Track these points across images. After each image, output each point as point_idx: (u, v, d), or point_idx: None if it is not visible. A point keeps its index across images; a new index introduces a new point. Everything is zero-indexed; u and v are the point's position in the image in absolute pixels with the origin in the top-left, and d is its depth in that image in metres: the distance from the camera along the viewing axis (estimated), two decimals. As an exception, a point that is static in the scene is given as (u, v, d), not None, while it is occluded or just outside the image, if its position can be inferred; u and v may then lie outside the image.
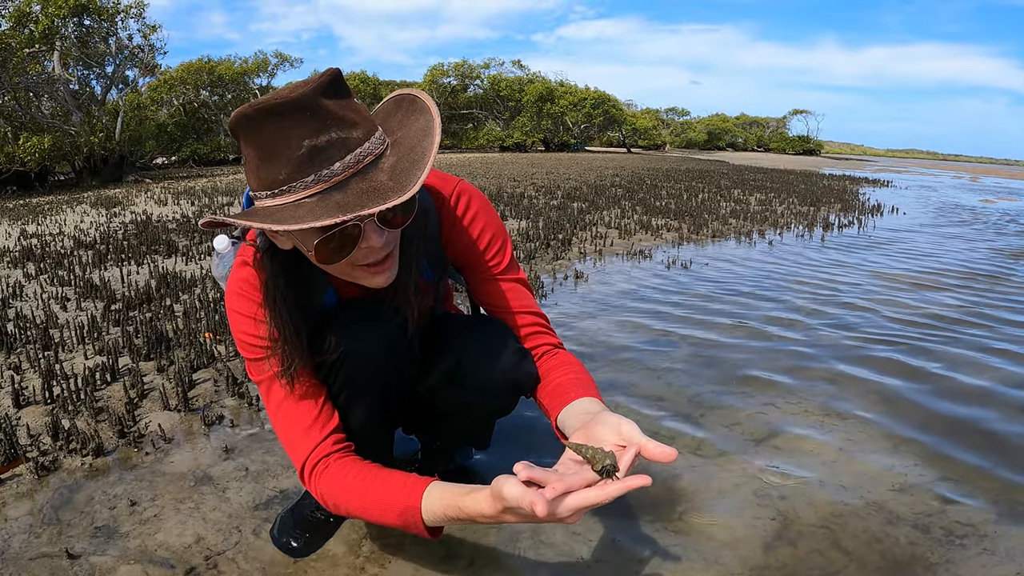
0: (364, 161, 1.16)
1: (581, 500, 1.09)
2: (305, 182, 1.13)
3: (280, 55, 31.25)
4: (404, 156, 1.19)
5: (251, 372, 1.47)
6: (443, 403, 1.68)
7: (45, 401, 2.52)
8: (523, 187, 11.70)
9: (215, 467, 2.12)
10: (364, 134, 1.17)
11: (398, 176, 1.15)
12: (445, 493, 1.24)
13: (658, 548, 1.73)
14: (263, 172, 1.16)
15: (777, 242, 6.77)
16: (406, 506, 1.27)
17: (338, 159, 1.14)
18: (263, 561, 1.66)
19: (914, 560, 1.69)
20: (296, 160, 1.12)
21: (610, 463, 1.10)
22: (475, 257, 1.61)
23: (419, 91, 1.30)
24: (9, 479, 2.02)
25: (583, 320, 3.80)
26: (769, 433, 2.39)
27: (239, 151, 7.45)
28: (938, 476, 2.11)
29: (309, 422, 1.42)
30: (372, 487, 1.33)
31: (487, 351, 1.58)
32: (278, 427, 1.46)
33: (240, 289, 1.44)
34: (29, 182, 16.31)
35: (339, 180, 1.14)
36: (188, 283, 4.41)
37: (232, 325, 1.46)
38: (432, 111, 1.26)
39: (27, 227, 7.20)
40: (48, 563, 1.64)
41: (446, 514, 1.23)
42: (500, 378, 1.58)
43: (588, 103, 42.36)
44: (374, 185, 1.14)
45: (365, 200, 1.12)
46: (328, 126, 1.13)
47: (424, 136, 1.21)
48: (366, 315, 1.49)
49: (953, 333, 3.65)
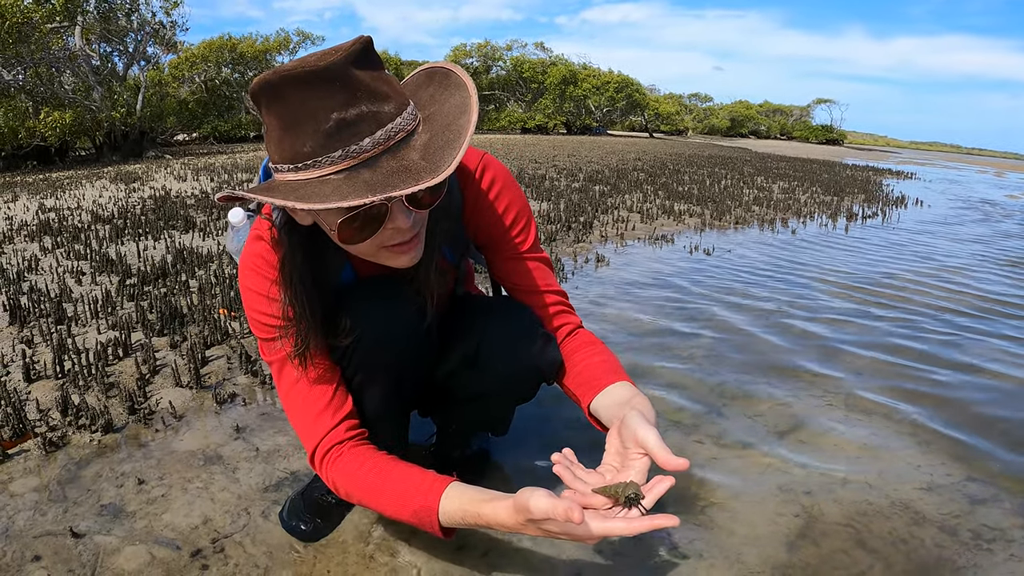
0: (395, 137, 1.09)
1: (605, 528, 1.08)
2: (332, 157, 1.06)
3: (302, 33, 31.24)
4: (438, 134, 1.12)
5: (263, 352, 1.42)
6: (461, 389, 1.63)
7: (56, 376, 2.50)
8: (544, 169, 11.62)
9: (225, 446, 2.08)
10: (396, 108, 1.10)
11: (431, 156, 1.09)
12: (464, 497, 1.19)
13: (679, 543, 1.67)
14: (286, 144, 1.08)
15: (800, 231, 6.66)
16: (423, 506, 1.22)
17: (368, 134, 1.07)
18: (271, 545, 1.62)
19: (940, 563, 1.63)
20: (323, 133, 1.05)
21: (633, 493, 1.10)
22: (499, 234, 1.55)
23: (453, 65, 1.23)
24: (17, 454, 1.99)
25: (605, 304, 3.74)
26: (793, 425, 2.32)
27: (260, 129, 7.44)
28: (965, 476, 2.04)
29: (322, 406, 1.37)
30: (388, 482, 1.28)
31: (509, 336, 1.53)
32: (290, 410, 1.41)
33: (254, 265, 1.37)
34: (49, 157, 16.42)
35: (368, 157, 1.07)
36: (204, 259, 4.38)
37: (245, 302, 1.40)
38: (469, 87, 1.18)
39: (45, 201, 7.21)
40: (52, 541, 1.61)
41: (464, 519, 1.19)
42: (522, 364, 1.53)
43: (611, 87, 42.11)
44: (405, 164, 1.08)
45: (396, 180, 1.05)
46: (358, 98, 1.06)
47: (460, 114, 1.15)
48: (383, 295, 1.43)
49: (984, 328, 3.55)
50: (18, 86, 15.66)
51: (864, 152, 39.77)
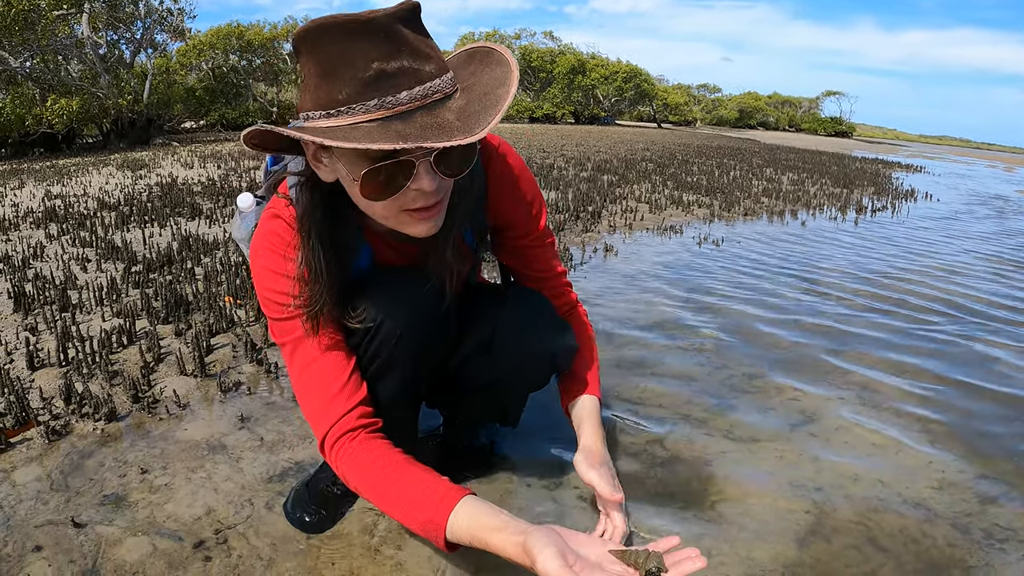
0: (432, 96, 1.08)
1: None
2: (366, 105, 1.05)
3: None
4: (475, 100, 1.11)
5: (275, 333, 1.39)
6: (475, 376, 1.61)
7: (60, 363, 2.48)
8: (553, 158, 11.57)
9: (230, 436, 2.06)
10: (437, 70, 1.09)
11: (467, 118, 1.07)
12: (474, 522, 1.16)
13: (688, 540, 1.64)
14: (322, 90, 1.07)
15: (810, 223, 6.62)
16: (431, 519, 1.19)
17: (406, 88, 1.05)
18: (275, 536, 1.60)
19: (952, 562, 1.61)
20: (360, 81, 1.04)
21: (655, 567, 1.06)
22: (516, 218, 1.55)
23: (496, 44, 1.22)
24: (19, 443, 1.98)
25: (612, 295, 3.71)
26: (803, 420, 2.29)
27: (268, 117, 7.41)
28: (978, 474, 2.01)
29: (336, 390, 1.33)
30: (399, 485, 1.25)
31: (524, 322, 1.53)
32: (301, 393, 1.38)
33: (269, 243, 1.34)
34: (56, 144, 16.41)
35: (403, 110, 1.06)
36: (210, 246, 4.36)
37: (257, 282, 1.37)
38: (511, 63, 1.17)
39: (52, 188, 7.19)
40: (53, 531, 1.59)
41: (471, 543, 1.16)
42: (536, 350, 1.53)
43: (619, 76, 41.95)
44: (439, 121, 1.06)
45: (428, 134, 1.04)
46: (401, 52, 1.05)
47: (499, 84, 1.13)
48: (405, 284, 1.40)
49: (997, 323, 3.52)
50: (25, 73, 15.63)
51: (873, 145, 39.53)
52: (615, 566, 1.10)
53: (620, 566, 1.09)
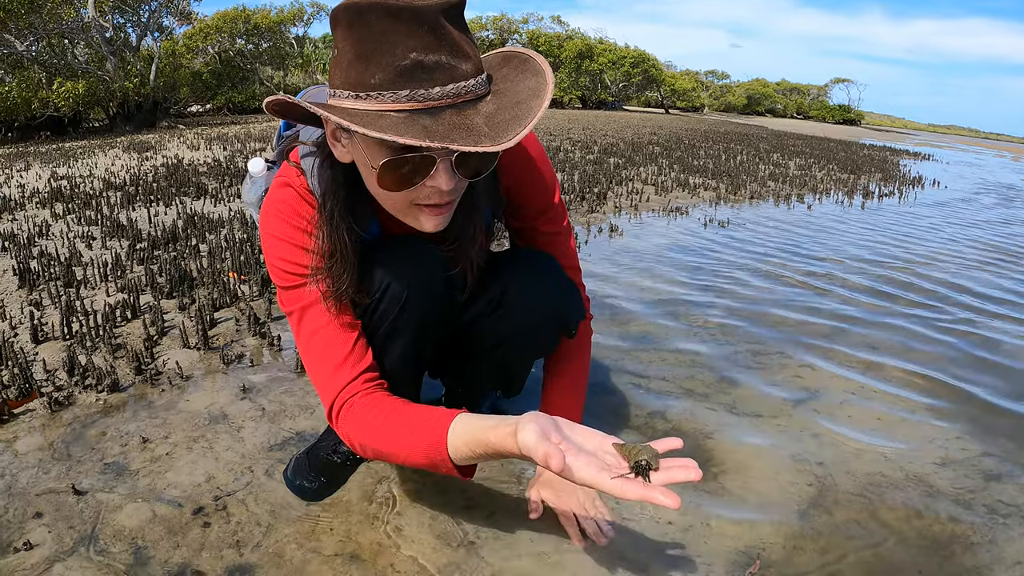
0: (464, 96, 1.07)
1: (593, 479, 1.03)
2: (397, 95, 1.04)
3: (316, 4, 30.96)
4: (506, 108, 1.09)
5: (283, 302, 1.38)
6: (484, 336, 1.61)
7: (63, 337, 2.48)
8: (559, 141, 11.53)
9: (231, 406, 2.06)
10: (473, 70, 1.08)
11: (495, 125, 1.06)
12: (471, 426, 1.15)
13: (689, 510, 1.64)
14: (354, 70, 1.06)
15: (816, 207, 6.59)
16: (431, 443, 1.18)
17: (439, 84, 1.04)
18: (273, 503, 1.60)
19: (955, 538, 1.60)
20: (396, 69, 1.03)
21: (645, 461, 1.04)
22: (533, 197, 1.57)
23: (533, 52, 1.20)
24: (22, 414, 1.98)
25: (618, 274, 3.70)
26: (807, 396, 2.29)
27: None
28: (981, 451, 2.01)
29: (342, 357, 1.33)
30: (397, 425, 1.24)
31: (535, 281, 1.53)
32: (308, 361, 1.37)
33: (279, 211, 1.34)
34: (63, 127, 16.40)
35: (433, 106, 1.05)
36: (215, 223, 4.37)
37: (267, 249, 1.36)
38: (547, 75, 1.15)
39: (58, 170, 7.20)
40: (54, 499, 1.60)
41: (473, 450, 1.14)
42: (546, 310, 1.53)
43: (627, 62, 41.70)
44: (467, 124, 1.05)
45: (455, 135, 1.03)
46: (441, 47, 1.04)
47: (533, 96, 1.11)
48: (412, 254, 1.40)
49: (999, 306, 3.52)
50: (31, 57, 15.63)
51: (882, 133, 39.31)
52: (609, 456, 1.08)
53: (614, 457, 1.08)
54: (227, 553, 1.44)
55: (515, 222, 1.62)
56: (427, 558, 1.45)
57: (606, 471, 1.04)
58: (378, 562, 1.43)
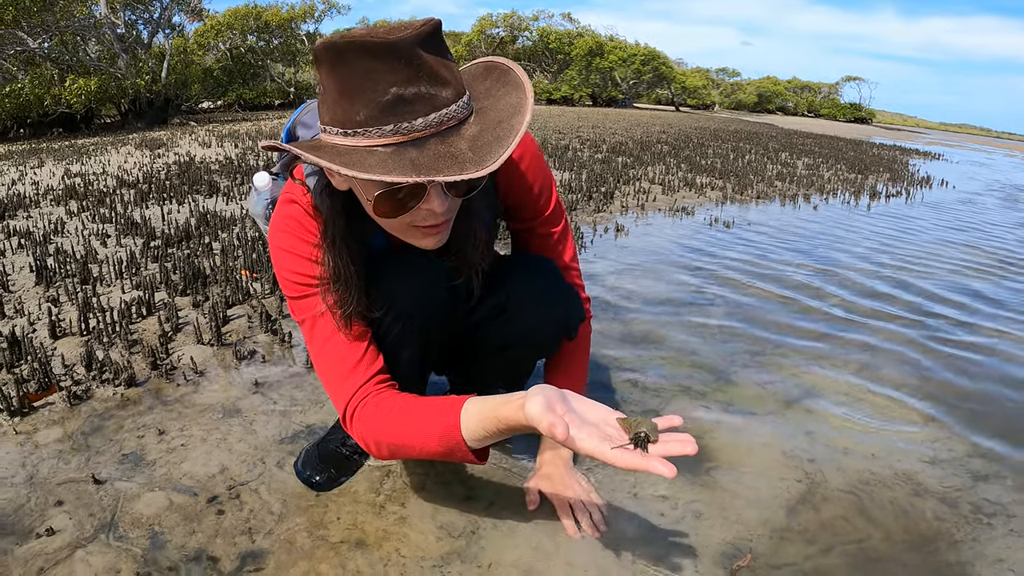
0: (447, 123, 1.11)
1: (594, 449, 1.09)
2: (383, 130, 1.08)
3: (328, 1, 31.05)
4: (489, 129, 1.14)
5: (294, 311, 1.45)
6: (488, 340, 1.68)
7: (81, 333, 2.56)
8: (568, 140, 11.56)
9: (244, 400, 2.14)
10: (453, 95, 1.12)
11: (479, 149, 1.11)
12: (482, 406, 1.21)
13: (680, 503, 1.71)
14: (339, 108, 1.10)
15: (823, 207, 6.63)
16: (446, 427, 1.24)
17: (421, 115, 1.09)
18: (284, 493, 1.68)
19: (939, 535, 1.66)
20: (378, 105, 1.07)
21: (644, 433, 1.09)
22: (528, 199, 1.62)
23: (514, 64, 1.25)
24: (42, 407, 2.06)
25: (621, 273, 3.76)
26: (801, 395, 2.35)
27: (285, 97, 7.40)
28: (969, 452, 2.07)
29: (353, 363, 1.40)
30: (411, 416, 1.31)
31: (537, 287, 1.60)
32: (321, 368, 1.44)
33: (286, 226, 1.40)
34: (75, 124, 16.52)
35: (418, 137, 1.09)
36: (228, 222, 4.45)
37: (276, 263, 1.43)
38: (526, 89, 1.20)
39: (71, 167, 7.29)
40: (74, 488, 1.67)
41: (486, 428, 1.20)
42: (548, 315, 1.60)
43: (638, 59, 41.63)
44: (452, 151, 1.10)
45: (441, 165, 1.08)
46: (420, 78, 1.08)
47: (514, 114, 1.16)
48: (415, 268, 1.47)
49: (995, 309, 3.57)
50: (43, 54, 15.75)
51: (893, 132, 39.09)
52: (611, 429, 1.14)
53: (616, 430, 1.14)
54: (240, 540, 1.51)
55: (514, 223, 1.69)
56: (430, 546, 1.52)
57: (607, 442, 1.09)
58: (383, 548, 1.50)
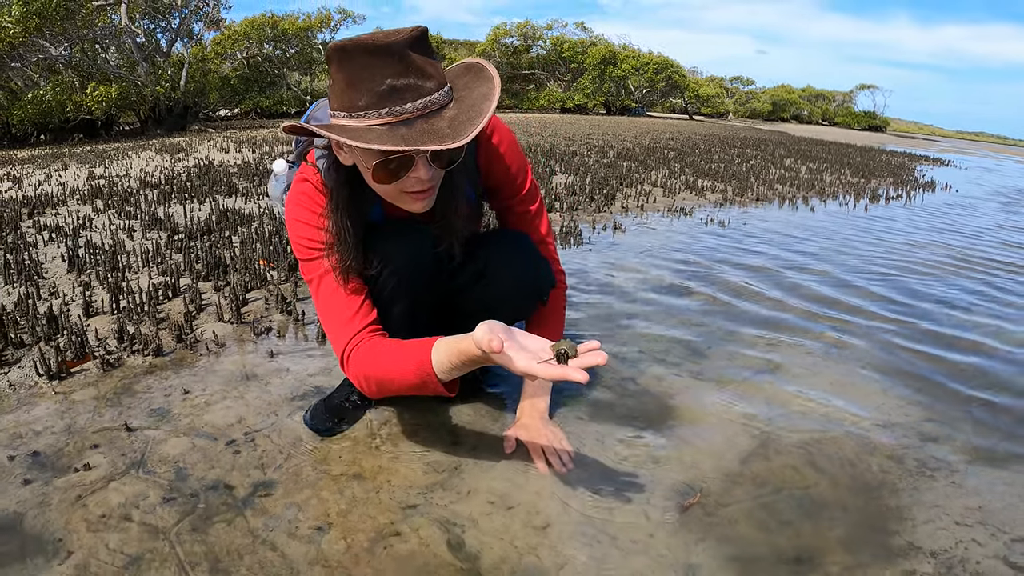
0: (430, 108, 1.43)
1: (527, 367, 1.35)
2: (380, 112, 1.40)
3: (343, 11, 31.35)
4: (464, 111, 1.45)
5: (304, 272, 1.75)
6: (470, 302, 1.94)
7: (112, 312, 2.80)
8: (577, 146, 11.77)
9: (260, 367, 2.38)
10: (436, 86, 1.44)
11: (456, 127, 1.42)
12: (448, 342, 1.49)
13: (640, 450, 1.93)
14: (346, 96, 1.42)
15: (820, 209, 6.79)
16: (419, 362, 1.53)
17: (410, 101, 1.40)
18: (294, 438, 1.92)
19: (883, 485, 1.82)
20: (377, 93, 1.38)
21: (564, 351, 1.35)
22: (506, 181, 1.91)
23: (487, 63, 1.58)
24: (78, 372, 2.30)
25: (615, 264, 3.98)
26: (769, 368, 2.54)
27: (301, 105, 7.97)
28: (923, 418, 2.21)
29: (351, 314, 1.69)
30: (392, 355, 1.59)
31: (513, 257, 1.88)
32: (324, 318, 1.73)
33: (299, 200, 1.72)
34: (95, 130, 16.88)
35: (407, 117, 1.41)
36: (246, 218, 4.71)
37: (291, 231, 1.74)
38: (495, 81, 1.52)
39: (95, 170, 7.57)
40: (109, 434, 1.91)
41: (451, 360, 1.48)
42: (523, 280, 1.88)
43: (651, 68, 41.70)
44: (435, 128, 1.41)
45: (425, 138, 1.39)
46: (409, 72, 1.40)
47: (484, 100, 1.48)
48: (405, 234, 1.76)
49: (968, 298, 3.75)
50: (65, 62, 16.13)
51: (907, 140, 38.89)
52: (543, 353, 1.38)
53: (547, 353, 1.38)
54: (253, 472, 1.75)
55: (494, 203, 2.00)
56: (417, 478, 1.76)
57: (533, 361, 1.36)
58: (376, 479, 1.74)
